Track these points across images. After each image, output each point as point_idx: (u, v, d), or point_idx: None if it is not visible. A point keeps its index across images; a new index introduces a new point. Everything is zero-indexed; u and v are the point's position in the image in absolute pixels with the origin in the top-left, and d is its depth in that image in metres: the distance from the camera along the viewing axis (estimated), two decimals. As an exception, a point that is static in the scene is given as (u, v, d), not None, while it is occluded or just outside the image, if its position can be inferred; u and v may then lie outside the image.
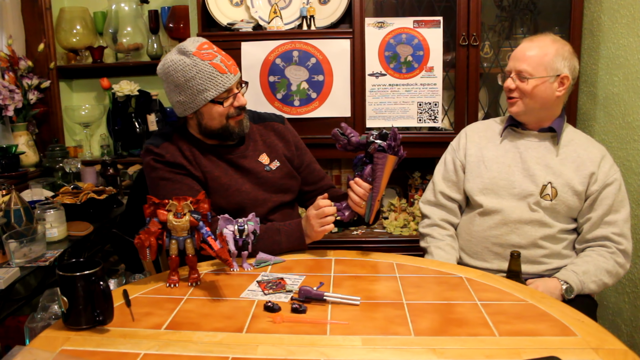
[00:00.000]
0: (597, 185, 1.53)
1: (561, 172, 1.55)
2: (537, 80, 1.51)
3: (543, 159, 1.58)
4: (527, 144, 1.61)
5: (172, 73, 1.47)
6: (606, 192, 1.53)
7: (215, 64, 1.46)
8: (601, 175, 1.53)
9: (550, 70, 1.51)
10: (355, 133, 1.42)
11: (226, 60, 1.49)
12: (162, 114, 2.85)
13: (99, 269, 1.02)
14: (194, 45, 1.47)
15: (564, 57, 1.52)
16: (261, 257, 1.41)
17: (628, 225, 1.55)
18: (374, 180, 1.39)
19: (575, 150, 1.57)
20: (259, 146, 1.64)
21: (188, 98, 1.48)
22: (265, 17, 2.24)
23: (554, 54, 1.51)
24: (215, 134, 1.54)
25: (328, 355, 0.94)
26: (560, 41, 1.55)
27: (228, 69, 1.47)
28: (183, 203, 1.23)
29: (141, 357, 0.93)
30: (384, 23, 2.20)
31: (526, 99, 1.54)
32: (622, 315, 2.05)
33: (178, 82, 1.47)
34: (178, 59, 1.46)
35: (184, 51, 1.46)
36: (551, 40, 1.54)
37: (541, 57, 1.51)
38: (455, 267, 1.38)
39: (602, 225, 1.53)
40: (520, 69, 1.53)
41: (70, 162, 2.51)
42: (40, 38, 2.69)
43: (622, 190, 1.55)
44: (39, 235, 1.66)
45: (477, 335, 1.01)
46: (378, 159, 1.37)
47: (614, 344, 0.97)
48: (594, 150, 1.56)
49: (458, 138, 1.74)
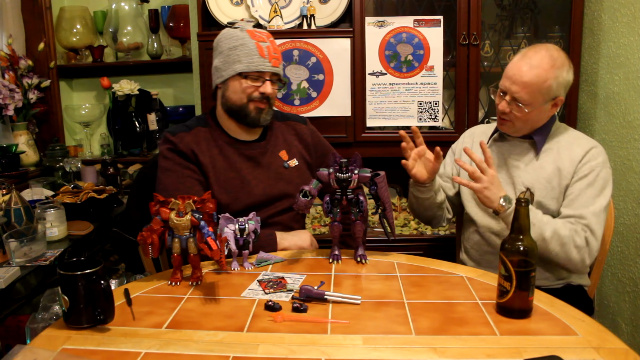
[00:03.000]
0: (570, 180, 1.49)
1: (538, 176, 1.52)
2: (532, 107, 1.47)
3: (524, 164, 1.56)
4: (510, 149, 1.60)
5: (222, 40, 1.56)
6: (575, 186, 1.47)
7: (260, 46, 1.51)
8: (576, 172, 1.48)
9: (547, 96, 1.46)
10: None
11: (272, 51, 1.54)
12: (162, 114, 2.85)
13: (100, 267, 1.02)
14: (253, 27, 1.56)
15: (562, 81, 1.46)
16: (262, 256, 1.41)
17: (597, 221, 1.44)
18: (383, 199, 1.40)
19: (557, 151, 1.53)
20: (280, 143, 1.67)
21: (222, 65, 1.54)
22: (266, 16, 2.24)
23: (553, 81, 1.44)
24: (233, 110, 1.56)
25: (329, 354, 0.94)
26: (559, 60, 1.45)
27: (269, 57, 1.52)
28: (186, 202, 1.23)
29: (142, 356, 0.93)
30: (384, 22, 2.20)
31: (518, 122, 1.51)
32: (622, 314, 2.05)
33: (222, 49, 1.54)
34: (232, 31, 1.55)
35: (241, 27, 1.54)
36: (550, 63, 1.44)
37: (539, 85, 1.44)
38: (456, 267, 1.38)
39: (568, 218, 1.46)
40: (516, 96, 1.46)
41: (71, 162, 2.51)
42: (41, 37, 2.69)
43: (596, 185, 1.46)
44: (39, 235, 1.66)
45: (478, 334, 1.01)
46: (380, 182, 1.38)
47: (614, 343, 0.97)
48: (577, 149, 1.51)
49: (458, 141, 1.77)
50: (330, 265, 1.39)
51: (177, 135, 1.56)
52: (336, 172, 1.36)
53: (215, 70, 1.57)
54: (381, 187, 1.39)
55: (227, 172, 1.56)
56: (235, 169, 1.57)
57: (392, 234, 1.44)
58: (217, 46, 1.57)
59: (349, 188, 1.38)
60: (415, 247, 2.18)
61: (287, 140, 1.68)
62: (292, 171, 1.64)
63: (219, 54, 1.56)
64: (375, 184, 1.38)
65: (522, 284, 1.06)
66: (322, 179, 1.38)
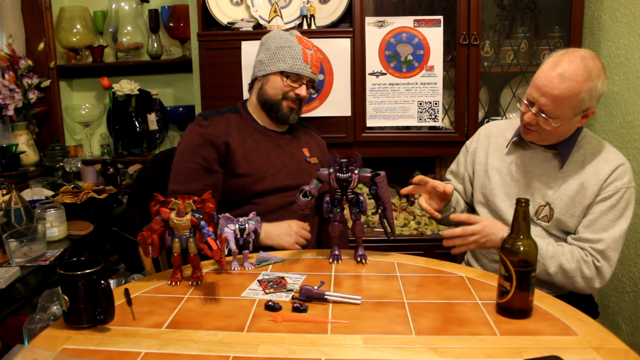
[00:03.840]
0: (593, 199, 1.40)
1: (561, 193, 1.43)
2: (561, 120, 1.34)
3: (546, 176, 1.46)
4: (532, 157, 1.49)
5: (271, 37, 1.69)
6: (597, 207, 1.39)
7: (305, 52, 1.65)
8: (600, 192, 1.40)
9: (578, 109, 1.33)
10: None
11: (315, 59, 1.68)
12: (162, 114, 2.85)
13: (100, 267, 1.02)
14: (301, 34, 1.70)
15: (595, 93, 1.32)
16: (262, 256, 1.41)
17: (614, 246, 1.37)
18: (383, 199, 1.40)
19: (582, 165, 1.42)
20: (303, 141, 1.79)
21: (267, 60, 1.66)
22: (266, 16, 2.24)
23: (586, 94, 1.30)
24: (268, 103, 1.67)
25: (329, 354, 0.94)
26: (593, 73, 1.30)
27: (311, 64, 1.66)
28: (186, 202, 1.23)
29: (142, 356, 0.93)
30: (384, 22, 2.20)
31: (544, 134, 1.39)
32: (622, 314, 2.05)
33: (269, 46, 1.67)
34: (282, 32, 1.69)
35: (291, 31, 1.70)
36: (584, 75, 1.29)
37: (571, 98, 1.30)
38: (456, 267, 1.38)
39: (583, 241, 1.40)
40: (544, 109, 1.33)
41: (71, 162, 2.51)
42: (41, 37, 2.69)
43: (619, 207, 1.38)
44: (39, 235, 1.66)
45: (478, 334, 1.01)
46: (380, 182, 1.38)
47: (614, 344, 0.97)
48: (604, 165, 1.40)
49: (472, 138, 1.68)
50: (330, 265, 1.39)
51: (208, 119, 1.64)
52: (336, 172, 1.36)
53: (259, 63, 1.69)
54: (381, 187, 1.39)
55: (255, 153, 1.63)
56: (264, 152, 1.65)
57: (392, 234, 1.44)
58: (265, 42, 1.70)
59: (349, 188, 1.38)
60: (415, 247, 2.19)
61: (308, 142, 1.80)
62: (313, 167, 1.71)
63: (265, 50, 1.68)
64: (376, 184, 1.38)
65: (522, 284, 1.06)
66: (322, 178, 1.38)
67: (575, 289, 1.42)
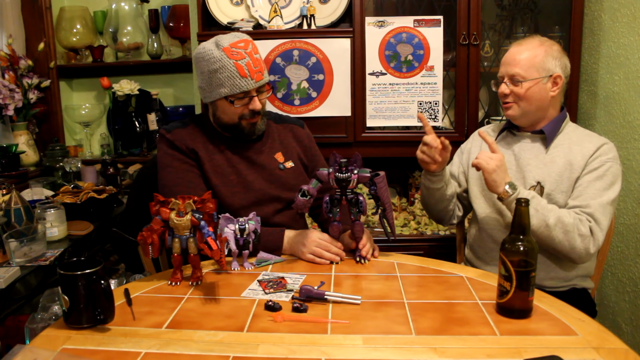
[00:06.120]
0: (580, 173, 1.50)
1: (550, 170, 1.53)
2: (530, 82, 1.52)
3: (535, 159, 1.57)
4: (521, 145, 1.61)
5: (200, 60, 1.51)
6: (584, 178, 1.48)
7: (239, 65, 1.46)
8: (587, 165, 1.49)
9: (542, 71, 1.52)
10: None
11: (253, 65, 1.48)
12: (162, 113, 2.85)
13: (100, 267, 1.02)
14: (230, 40, 1.49)
15: (554, 57, 1.53)
16: (262, 256, 1.42)
17: (603, 211, 1.44)
18: (383, 199, 1.40)
19: (569, 146, 1.54)
20: (276, 145, 1.66)
21: (207, 87, 1.52)
22: (266, 16, 2.24)
23: (543, 55, 1.52)
24: (226, 127, 1.57)
25: (329, 354, 0.94)
26: (547, 42, 1.56)
27: (250, 73, 1.47)
28: (186, 202, 1.23)
29: (142, 356, 0.93)
30: (384, 22, 2.20)
31: (521, 102, 1.54)
32: (622, 314, 2.05)
33: (202, 70, 1.51)
34: (209, 49, 1.49)
35: (217, 43, 1.49)
36: (539, 42, 1.55)
37: (531, 59, 1.52)
38: (456, 267, 1.39)
39: (573, 208, 1.48)
40: (512, 73, 1.53)
41: (71, 162, 2.51)
42: (41, 37, 2.69)
43: (605, 179, 1.47)
44: (39, 235, 1.66)
45: (478, 334, 1.01)
46: (380, 182, 1.38)
47: (614, 343, 0.97)
48: (589, 145, 1.52)
49: (467, 141, 1.79)
50: (330, 265, 1.39)
51: (172, 132, 1.57)
52: (336, 172, 1.36)
53: (201, 89, 1.56)
54: (381, 187, 1.39)
55: (224, 167, 1.57)
56: (232, 165, 1.58)
57: (392, 234, 1.44)
58: (197, 65, 1.54)
59: (348, 188, 1.38)
60: (415, 247, 2.18)
61: (283, 142, 1.68)
62: (288, 173, 1.63)
63: (200, 74, 1.53)
64: (375, 184, 1.38)
65: (522, 284, 1.06)
66: (321, 178, 1.38)
67: (572, 250, 1.43)
